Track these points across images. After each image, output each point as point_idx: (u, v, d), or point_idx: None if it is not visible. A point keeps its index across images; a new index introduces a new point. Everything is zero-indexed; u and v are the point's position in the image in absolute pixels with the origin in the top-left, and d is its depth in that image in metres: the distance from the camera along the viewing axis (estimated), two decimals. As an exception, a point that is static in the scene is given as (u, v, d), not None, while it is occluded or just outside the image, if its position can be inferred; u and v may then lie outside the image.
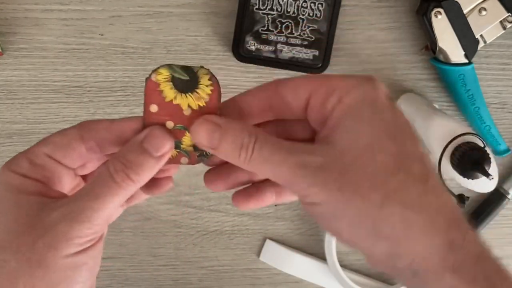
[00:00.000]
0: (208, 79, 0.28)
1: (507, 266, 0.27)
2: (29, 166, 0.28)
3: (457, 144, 0.44)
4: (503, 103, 0.56)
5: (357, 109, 0.26)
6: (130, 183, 0.27)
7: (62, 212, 0.26)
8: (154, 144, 0.27)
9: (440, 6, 0.49)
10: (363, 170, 0.24)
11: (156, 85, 0.28)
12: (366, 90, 0.26)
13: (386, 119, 0.26)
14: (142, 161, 0.27)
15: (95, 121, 0.30)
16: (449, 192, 0.44)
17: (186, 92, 0.28)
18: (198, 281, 0.60)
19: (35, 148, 0.29)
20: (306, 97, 0.27)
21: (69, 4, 0.51)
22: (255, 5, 0.50)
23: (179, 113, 0.28)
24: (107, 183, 0.27)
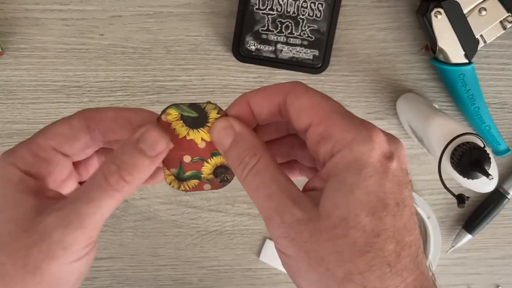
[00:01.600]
0: (217, 112, 0.28)
1: (507, 266, 0.27)
2: (33, 160, 0.27)
3: (457, 144, 0.44)
4: (503, 103, 0.56)
5: (342, 175, 0.25)
6: (124, 185, 0.26)
7: (56, 217, 0.26)
8: (150, 144, 0.27)
9: (440, 6, 0.49)
10: (333, 243, 0.24)
11: (168, 125, 0.28)
12: (357, 151, 0.25)
13: (370, 190, 0.24)
14: (137, 161, 0.26)
15: (101, 110, 0.29)
16: (450, 192, 0.44)
17: (197, 128, 0.28)
18: (198, 281, 0.60)
19: (41, 140, 0.28)
20: (306, 124, 0.27)
21: (69, 4, 0.51)
22: (255, 5, 0.50)
23: (194, 147, 0.29)
24: (101, 186, 0.26)
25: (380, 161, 0.25)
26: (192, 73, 0.54)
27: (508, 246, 0.60)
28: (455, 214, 0.59)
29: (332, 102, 0.27)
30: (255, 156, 0.27)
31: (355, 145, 0.25)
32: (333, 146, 0.25)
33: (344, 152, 0.25)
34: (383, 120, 0.56)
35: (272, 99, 0.28)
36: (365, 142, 0.25)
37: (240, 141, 0.27)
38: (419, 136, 0.51)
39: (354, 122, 0.26)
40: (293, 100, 0.27)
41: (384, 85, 0.55)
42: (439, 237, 0.58)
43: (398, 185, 0.25)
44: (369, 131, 0.25)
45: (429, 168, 0.57)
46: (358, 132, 0.25)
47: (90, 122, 0.29)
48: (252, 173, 0.26)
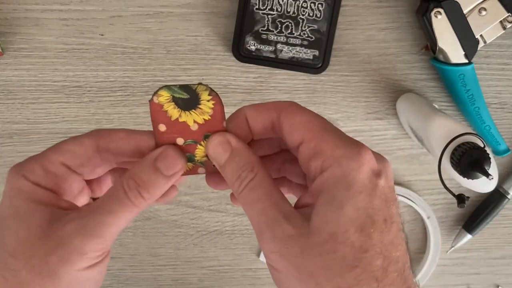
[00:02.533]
0: (208, 94, 0.28)
1: (507, 266, 0.27)
2: (43, 174, 0.28)
3: (457, 144, 0.44)
4: (503, 103, 0.56)
5: (332, 190, 0.25)
6: (142, 201, 0.28)
7: (76, 225, 0.26)
8: (167, 164, 0.28)
9: (440, 6, 0.49)
10: (322, 258, 0.24)
11: (160, 106, 0.28)
12: (346, 167, 0.25)
13: (360, 206, 0.25)
14: (154, 180, 0.28)
15: (112, 131, 0.30)
16: (450, 192, 0.44)
17: (189, 110, 0.29)
18: (198, 281, 0.60)
19: (51, 156, 0.29)
20: (299, 141, 0.28)
21: (69, 4, 0.51)
22: (255, 5, 0.50)
23: (187, 129, 0.29)
24: (121, 200, 0.27)
25: (369, 177, 0.26)
26: (192, 73, 0.54)
27: (508, 246, 0.60)
28: (455, 214, 0.59)
29: (324, 120, 0.28)
30: (252, 171, 0.27)
31: (345, 161, 0.26)
32: (323, 162, 0.26)
33: (334, 167, 0.26)
34: (383, 120, 0.56)
35: (267, 115, 0.29)
36: (354, 159, 0.26)
37: (237, 156, 0.28)
38: (419, 136, 0.51)
39: (344, 139, 0.27)
40: (287, 117, 0.28)
41: (384, 85, 0.55)
42: (439, 237, 0.58)
43: (386, 201, 0.26)
44: (358, 148, 0.26)
45: (429, 168, 0.57)
46: (348, 149, 0.26)
47: (100, 142, 0.30)
48: (248, 187, 0.27)
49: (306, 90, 0.55)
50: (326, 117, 0.55)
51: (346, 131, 0.55)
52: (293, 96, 0.54)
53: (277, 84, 0.54)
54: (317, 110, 0.55)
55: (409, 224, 0.59)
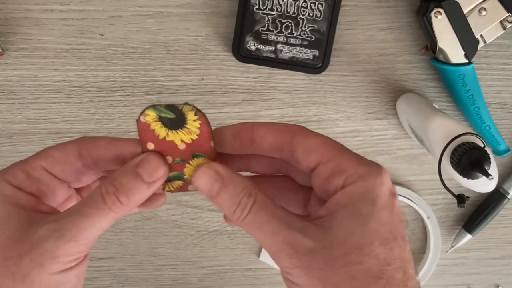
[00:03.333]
0: (194, 114, 0.28)
1: (507, 266, 0.28)
2: (24, 178, 0.28)
3: (457, 144, 0.44)
4: (503, 103, 0.56)
5: (357, 204, 0.26)
6: (119, 206, 0.27)
7: (50, 228, 0.26)
8: (148, 170, 0.28)
9: (440, 6, 0.49)
10: (348, 269, 0.25)
11: (147, 125, 0.28)
12: (371, 184, 0.26)
13: (383, 220, 0.26)
14: (134, 185, 0.27)
15: (95, 138, 0.30)
16: (450, 192, 0.44)
17: (176, 129, 0.28)
18: (198, 281, 0.60)
19: (33, 160, 0.29)
20: (315, 162, 0.28)
21: (69, 4, 0.51)
22: (255, 5, 0.50)
23: (174, 148, 0.29)
24: (97, 204, 0.27)
25: (388, 196, 0.27)
26: (192, 73, 0.54)
27: (508, 246, 0.60)
28: (455, 214, 0.59)
29: (338, 143, 0.28)
30: (251, 195, 0.27)
31: (369, 178, 0.26)
32: (346, 179, 0.27)
33: (359, 183, 0.26)
34: (383, 120, 0.56)
35: (279, 135, 0.29)
36: (377, 177, 0.26)
37: (231, 184, 0.27)
38: (419, 136, 0.51)
39: (364, 159, 0.28)
40: (301, 140, 0.28)
41: (384, 85, 0.55)
42: (439, 237, 0.58)
43: (400, 220, 0.27)
44: (379, 167, 0.27)
45: (429, 168, 0.57)
46: (370, 167, 0.27)
47: (82, 149, 0.29)
48: (252, 212, 0.27)
49: (306, 90, 0.55)
50: (325, 117, 0.56)
51: (346, 131, 0.56)
52: (293, 96, 0.54)
53: (277, 84, 0.54)
54: (317, 110, 0.55)
55: (409, 224, 0.59)
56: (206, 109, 0.54)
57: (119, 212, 0.27)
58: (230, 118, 0.55)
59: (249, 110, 0.55)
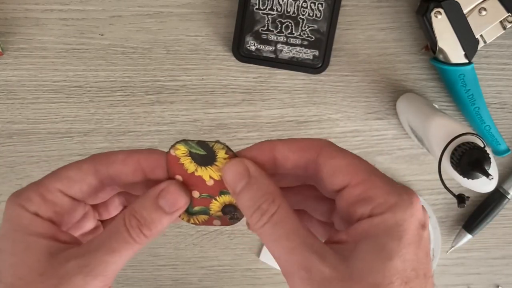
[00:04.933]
0: (225, 152, 0.28)
1: (507, 266, 0.27)
2: (40, 202, 0.27)
3: (457, 144, 0.44)
4: (503, 103, 0.56)
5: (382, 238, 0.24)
6: (144, 238, 0.27)
7: (78, 264, 0.26)
8: (169, 200, 0.28)
9: (440, 6, 0.49)
10: None
11: (177, 159, 0.28)
12: (400, 217, 0.25)
13: (407, 257, 0.24)
14: (155, 218, 0.27)
15: (111, 153, 0.29)
16: (450, 192, 0.44)
17: (205, 165, 0.28)
18: (198, 281, 0.60)
19: (48, 182, 0.28)
20: (342, 185, 0.26)
21: (69, 4, 0.51)
22: (255, 5, 0.50)
23: (202, 184, 0.29)
24: (123, 238, 0.27)
25: (417, 229, 0.25)
26: (192, 73, 0.54)
27: (508, 246, 0.60)
28: (455, 214, 0.59)
29: (368, 163, 0.27)
30: (274, 203, 0.26)
31: (398, 210, 0.25)
32: (374, 208, 0.25)
33: (387, 215, 0.25)
34: (383, 120, 0.56)
35: (303, 155, 0.27)
36: (407, 208, 0.25)
37: (255, 185, 0.26)
38: (419, 136, 0.51)
39: (394, 186, 0.26)
40: (327, 159, 0.27)
41: (384, 85, 0.55)
42: (439, 237, 0.58)
43: (426, 255, 0.25)
44: (410, 197, 0.25)
45: (429, 168, 0.57)
46: (400, 197, 0.25)
47: (98, 166, 0.28)
48: (272, 222, 0.25)
49: (306, 90, 0.55)
50: (325, 117, 0.56)
51: (346, 131, 0.56)
52: (293, 96, 0.54)
53: (277, 84, 0.54)
54: (317, 110, 0.55)
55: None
56: (206, 109, 0.54)
57: (144, 244, 0.27)
58: (230, 118, 0.55)
59: (249, 110, 0.55)
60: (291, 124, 0.55)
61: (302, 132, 0.55)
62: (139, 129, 0.54)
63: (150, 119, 0.54)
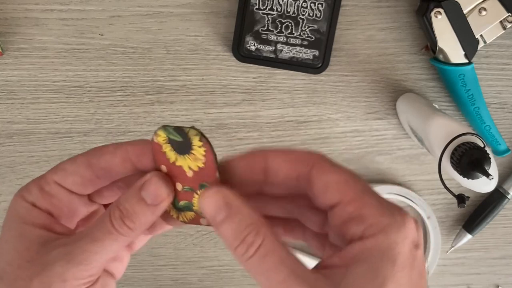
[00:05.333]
0: (199, 139, 0.26)
1: (507, 266, 0.27)
2: (38, 194, 0.28)
3: (457, 144, 0.44)
4: (503, 103, 0.56)
5: (375, 263, 0.24)
6: (127, 230, 0.27)
7: (60, 251, 0.26)
8: (151, 193, 0.27)
9: (440, 6, 0.49)
10: None
11: (159, 146, 0.27)
12: (393, 239, 0.24)
13: (401, 283, 0.24)
14: (138, 209, 0.27)
15: (103, 146, 0.29)
16: (450, 192, 0.44)
17: (183, 154, 0.27)
18: (198, 281, 0.60)
19: (47, 175, 0.29)
20: (334, 201, 0.25)
21: (69, 4, 0.51)
22: (255, 5, 0.50)
23: (183, 175, 0.27)
24: (106, 228, 0.27)
25: (411, 250, 0.24)
26: (192, 73, 0.54)
27: (508, 246, 0.60)
28: (455, 214, 0.59)
29: (361, 181, 0.26)
30: (259, 235, 0.25)
31: (390, 232, 0.24)
32: (366, 229, 0.24)
33: (379, 238, 0.24)
34: (383, 120, 0.56)
35: (295, 167, 0.27)
36: (400, 230, 0.24)
37: (237, 216, 0.25)
38: (419, 136, 0.51)
39: (387, 205, 0.25)
40: (319, 174, 0.26)
41: (384, 85, 0.55)
42: (439, 237, 0.58)
43: (420, 276, 0.25)
44: (403, 217, 0.25)
45: (429, 168, 0.57)
46: (393, 218, 0.24)
47: (91, 158, 0.29)
48: (259, 255, 0.24)
49: (306, 90, 0.55)
50: (325, 117, 0.56)
51: (346, 131, 0.56)
52: (293, 96, 0.54)
53: (277, 84, 0.54)
54: (317, 110, 0.55)
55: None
56: (206, 109, 0.54)
57: (129, 235, 0.27)
58: (230, 118, 0.55)
59: (249, 110, 0.55)
60: (291, 124, 0.55)
61: (302, 132, 0.55)
62: (139, 129, 0.54)
63: (150, 119, 0.54)
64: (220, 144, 0.55)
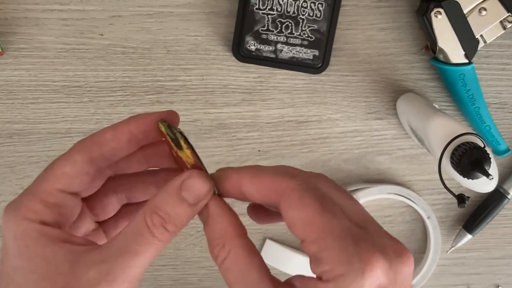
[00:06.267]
0: (183, 142, 0.26)
1: (507, 266, 0.27)
2: (44, 209, 0.26)
3: (457, 144, 0.44)
4: (503, 103, 0.56)
5: None
6: (169, 236, 0.26)
7: (100, 271, 0.24)
8: (193, 193, 0.26)
9: (440, 6, 0.49)
10: None
11: (164, 135, 0.28)
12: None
13: None
14: (180, 212, 0.26)
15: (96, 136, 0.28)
16: (450, 192, 0.44)
17: (179, 149, 0.27)
18: (198, 281, 0.60)
19: (45, 185, 0.26)
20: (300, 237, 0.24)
21: (69, 4, 0.51)
22: (255, 5, 0.50)
23: (185, 165, 0.28)
24: (146, 239, 0.25)
25: None
26: (192, 73, 0.54)
27: (508, 246, 0.60)
28: (455, 214, 0.59)
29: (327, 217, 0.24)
30: (224, 249, 0.25)
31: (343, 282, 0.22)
32: (322, 273, 0.23)
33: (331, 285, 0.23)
34: (383, 120, 0.56)
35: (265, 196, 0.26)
36: (356, 280, 0.22)
37: (210, 226, 0.26)
38: (419, 136, 0.51)
39: (348, 250, 0.23)
40: (286, 208, 0.25)
41: (384, 85, 0.55)
42: (439, 237, 0.58)
43: None
44: (363, 265, 0.22)
45: (429, 168, 0.57)
46: (350, 266, 0.22)
47: (91, 153, 0.27)
48: (223, 268, 0.25)
49: (306, 90, 0.54)
50: (325, 117, 0.56)
51: (346, 131, 0.56)
52: (293, 96, 0.54)
53: (277, 84, 0.54)
54: (317, 110, 0.55)
55: (409, 224, 0.59)
56: (206, 109, 0.54)
57: (169, 241, 0.26)
58: (230, 118, 0.55)
59: (249, 110, 0.55)
60: (291, 124, 0.55)
61: (302, 132, 0.55)
62: (139, 129, 0.54)
63: (150, 119, 0.54)
64: (220, 144, 0.55)
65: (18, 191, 0.55)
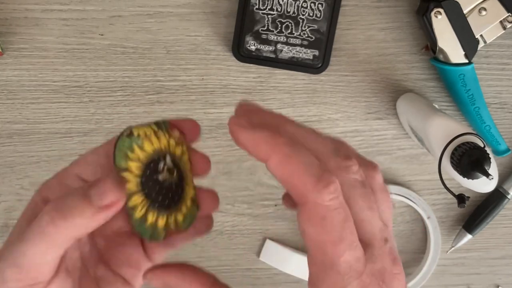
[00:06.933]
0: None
1: (507, 266, 0.27)
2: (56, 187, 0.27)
3: (457, 144, 0.44)
4: (503, 103, 0.56)
5: None
6: (52, 229, 0.24)
7: (1, 252, 0.25)
8: (99, 192, 0.24)
9: (440, 6, 0.49)
10: None
11: None
12: None
13: None
14: (76, 206, 0.24)
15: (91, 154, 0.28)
16: (450, 192, 0.44)
17: None
18: (198, 281, 0.60)
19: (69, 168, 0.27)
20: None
21: (69, 4, 0.51)
22: (255, 5, 0.50)
23: None
24: (37, 227, 0.24)
25: None
26: (192, 73, 0.54)
27: (508, 246, 0.60)
28: (455, 214, 0.59)
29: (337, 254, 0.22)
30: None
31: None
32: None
33: None
34: (383, 120, 0.56)
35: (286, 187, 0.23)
36: None
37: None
38: (419, 136, 0.51)
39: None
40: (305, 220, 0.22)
41: (384, 85, 0.55)
42: (439, 237, 0.58)
43: None
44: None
45: (429, 168, 0.57)
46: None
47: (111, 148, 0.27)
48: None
49: (306, 90, 0.54)
50: (325, 117, 0.56)
51: (346, 131, 0.56)
52: (293, 96, 0.54)
53: (277, 84, 0.54)
54: (317, 110, 0.55)
55: (409, 224, 0.59)
56: (206, 109, 0.54)
57: (60, 234, 0.24)
58: (230, 118, 0.55)
59: (249, 110, 0.55)
60: (291, 124, 0.55)
61: (302, 132, 0.55)
62: (139, 129, 0.54)
63: (150, 119, 0.54)
64: (220, 144, 0.55)
65: (18, 191, 0.55)
